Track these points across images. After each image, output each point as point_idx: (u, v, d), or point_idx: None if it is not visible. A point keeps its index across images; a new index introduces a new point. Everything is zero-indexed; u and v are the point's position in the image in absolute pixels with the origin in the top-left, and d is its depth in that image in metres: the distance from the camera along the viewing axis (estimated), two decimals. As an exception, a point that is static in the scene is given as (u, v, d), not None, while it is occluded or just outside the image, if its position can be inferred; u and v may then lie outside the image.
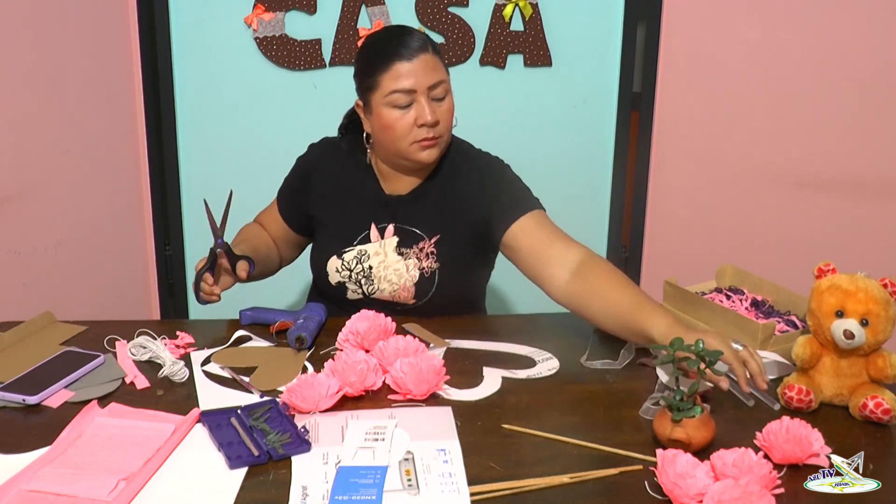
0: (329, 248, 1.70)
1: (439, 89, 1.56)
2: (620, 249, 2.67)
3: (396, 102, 1.54)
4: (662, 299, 1.66)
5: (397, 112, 1.55)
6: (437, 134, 1.56)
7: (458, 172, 1.66)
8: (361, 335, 1.48)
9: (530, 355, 1.52)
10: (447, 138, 1.61)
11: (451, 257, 1.66)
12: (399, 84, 1.53)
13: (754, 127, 2.47)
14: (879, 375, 1.31)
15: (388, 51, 1.55)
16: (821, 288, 1.33)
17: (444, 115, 1.57)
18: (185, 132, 2.50)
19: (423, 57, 1.54)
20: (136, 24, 2.39)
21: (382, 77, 1.54)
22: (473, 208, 1.64)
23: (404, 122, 1.55)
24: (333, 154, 1.73)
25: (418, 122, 1.54)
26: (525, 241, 1.58)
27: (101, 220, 2.41)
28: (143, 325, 1.57)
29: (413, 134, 1.56)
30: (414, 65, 1.53)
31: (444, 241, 1.66)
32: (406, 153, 1.58)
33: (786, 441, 1.16)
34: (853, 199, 2.44)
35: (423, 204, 1.67)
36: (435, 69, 1.55)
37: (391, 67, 1.53)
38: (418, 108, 1.54)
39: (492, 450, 1.21)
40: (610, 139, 2.57)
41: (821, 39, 2.35)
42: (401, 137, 1.56)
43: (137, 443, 1.20)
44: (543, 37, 2.45)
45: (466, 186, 1.65)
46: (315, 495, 1.10)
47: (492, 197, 1.63)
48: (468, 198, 1.64)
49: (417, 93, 1.54)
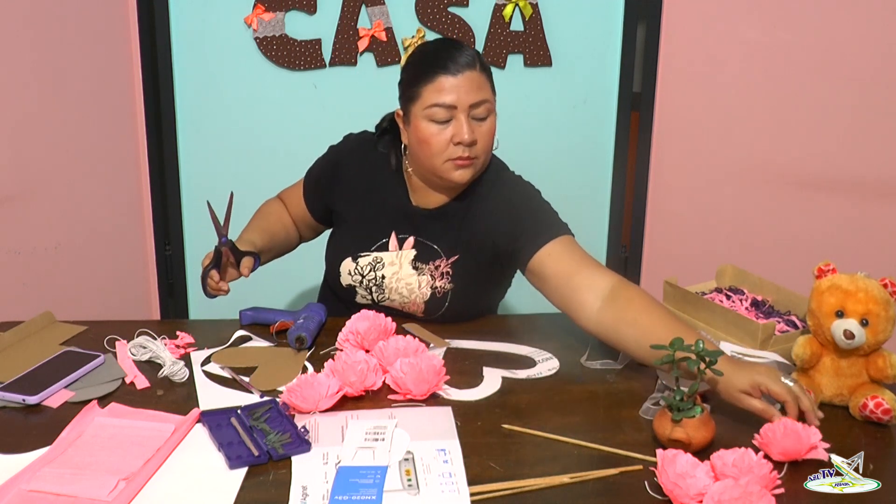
0: (346, 249, 1.68)
1: (481, 109, 1.51)
2: (620, 249, 2.67)
3: (435, 116, 1.50)
4: (662, 299, 1.66)
5: (435, 127, 1.51)
6: (474, 154, 1.52)
7: (488, 195, 1.61)
8: (361, 335, 1.48)
9: (530, 355, 1.52)
10: (484, 160, 1.57)
11: (466, 280, 1.63)
12: (440, 98, 1.49)
13: (754, 127, 2.47)
14: (879, 375, 1.31)
15: (435, 63, 1.51)
16: (821, 288, 1.33)
17: (483, 136, 1.52)
18: (185, 132, 2.50)
19: (468, 74, 1.50)
20: (136, 24, 2.39)
21: (425, 89, 1.51)
22: (498, 234, 1.59)
23: (441, 137, 1.51)
24: (368, 151, 1.68)
25: (455, 139, 1.50)
26: (553, 268, 1.51)
27: (101, 220, 2.41)
28: (143, 325, 1.57)
29: (448, 151, 1.51)
30: (458, 80, 1.49)
31: (462, 263, 1.62)
32: (440, 170, 1.54)
33: (784, 436, 1.16)
34: (853, 199, 2.44)
35: (448, 222, 1.62)
36: (480, 88, 1.51)
37: (435, 80, 1.50)
38: (457, 125, 1.50)
39: (492, 450, 1.21)
40: (610, 139, 2.57)
41: (821, 39, 2.35)
42: (436, 154, 1.52)
43: (137, 443, 1.20)
44: (543, 37, 2.45)
45: (493, 211, 1.60)
46: (315, 495, 1.10)
47: (518, 223, 1.57)
48: (493, 223, 1.59)
49: (458, 109, 1.49)
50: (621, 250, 2.67)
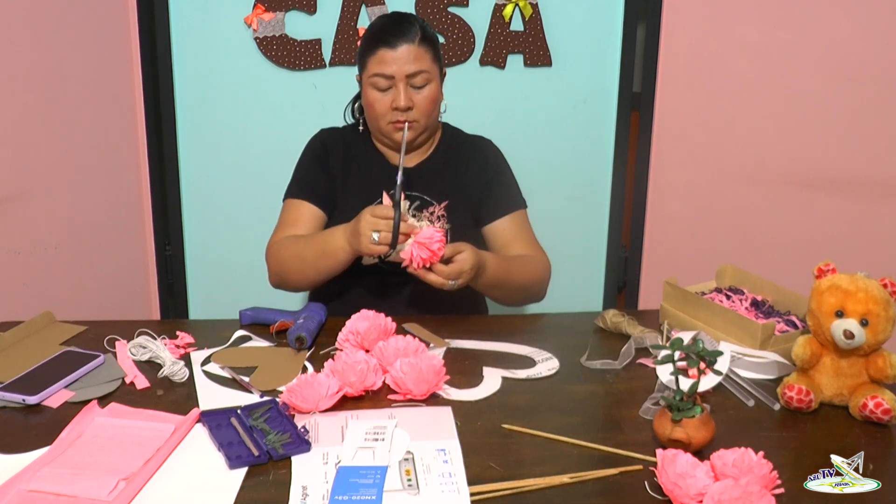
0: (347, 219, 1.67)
1: (418, 78, 1.69)
2: (620, 249, 2.67)
3: (377, 85, 1.70)
4: (662, 299, 1.66)
5: (378, 93, 1.70)
6: (410, 118, 1.70)
7: (458, 150, 1.84)
8: (361, 335, 1.48)
9: (530, 355, 1.52)
10: (426, 123, 1.74)
11: (461, 219, 1.79)
12: (380, 69, 1.68)
13: (754, 127, 2.47)
14: (879, 375, 1.31)
15: (378, 37, 1.70)
16: (821, 288, 1.33)
17: (421, 102, 1.70)
18: (185, 132, 2.50)
19: (407, 46, 1.68)
20: (136, 24, 2.39)
21: (369, 60, 1.70)
22: (472, 187, 1.81)
23: (382, 103, 1.70)
24: (338, 138, 1.86)
25: (393, 104, 1.69)
26: (497, 240, 1.79)
27: (101, 220, 2.41)
28: (143, 325, 1.57)
29: (389, 115, 1.71)
30: (397, 53, 1.68)
31: (453, 207, 1.79)
32: (384, 131, 1.74)
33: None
34: (853, 199, 2.44)
35: (429, 175, 1.80)
36: (417, 59, 1.68)
37: (377, 52, 1.69)
38: (395, 92, 1.69)
39: (492, 450, 1.21)
40: (610, 139, 2.57)
41: (821, 39, 2.35)
42: (379, 116, 1.72)
43: (137, 443, 1.20)
44: (543, 37, 2.45)
45: (470, 161, 1.83)
46: (315, 495, 1.10)
47: (487, 187, 1.81)
48: (471, 172, 1.82)
49: (396, 79, 1.68)
50: (621, 250, 2.67)
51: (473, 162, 1.83)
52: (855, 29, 2.32)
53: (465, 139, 1.88)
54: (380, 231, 1.54)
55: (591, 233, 2.64)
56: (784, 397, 1.33)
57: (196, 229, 2.57)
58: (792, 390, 1.31)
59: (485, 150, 1.86)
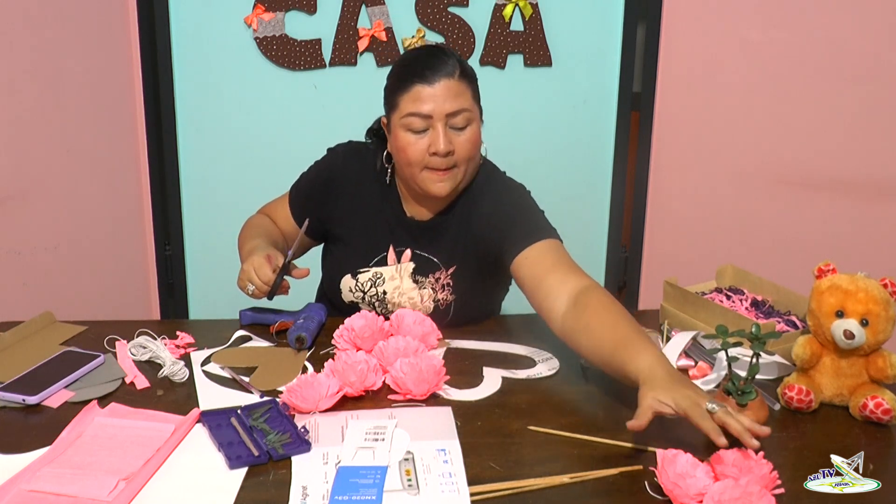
0: (345, 266, 1.66)
1: (459, 118, 1.49)
2: (620, 249, 2.67)
3: (412, 126, 1.49)
4: (662, 299, 1.66)
5: (412, 136, 1.49)
6: (450, 164, 1.50)
7: (478, 201, 1.59)
8: (356, 332, 1.48)
9: (530, 355, 1.52)
10: (465, 169, 1.54)
11: (468, 290, 1.62)
12: (416, 107, 1.48)
13: (754, 127, 2.47)
14: (879, 375, 1.31)
15: (412, 72, 1.49)
16: (821, 288, 1.33)
17: (462, 146, 1.50)
18: (185, 132, 2.50)
19: (445, 82, 1.47)
20: (136, 24, 2.39)
21: (402, 98, 1.49)
22: (488, 238, 1.56)
23: (417, 147, 1.49)
24: (358, 163, 1.65)
25: (431, 149, 1.49)
26: (527, 272, 1.48)
27: (101, 220, 2.41)
28: (143, 325, 1.57)
29: (425, 161, 1.50)
30: (434, 89, 1.47)
31: (460, 273, 1.61)
32: (418, 180, 1.53)
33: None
34: (853, 199, 2.44)
35: (443, 233, 1.61)
36: (457, 97, 1.48)
37: (411, 89, 1.48)
38: (433, 135, 1.48)
39: (492, 450, 1.21)
40: (610, 139, 2.57)
41: (821, 39, 2.35)
42: (413, 163, 1.51)
43: (137, 443, 1.20)
44: (543, 37, 2.45)
45: (484, 215, 1.58)
46: (315, 495, 1.10)
47: (504, 226, 1.54)
48: (484, 227, 1.57)
49: (434, 119, 1.48)
50: (621, 250, 2.68)
51: (486, 215, 1.58)
52: (854, 29, 2.32)
53: (490, 188, 1.60)
54: (254, 286, 1.52)
55: (590, 233, 2.64)
56: (784, 397, 1.33)
57: (196, 229, 2.57)
58: (792, 390, 1.31)
59: (499, 197, 1.59)
